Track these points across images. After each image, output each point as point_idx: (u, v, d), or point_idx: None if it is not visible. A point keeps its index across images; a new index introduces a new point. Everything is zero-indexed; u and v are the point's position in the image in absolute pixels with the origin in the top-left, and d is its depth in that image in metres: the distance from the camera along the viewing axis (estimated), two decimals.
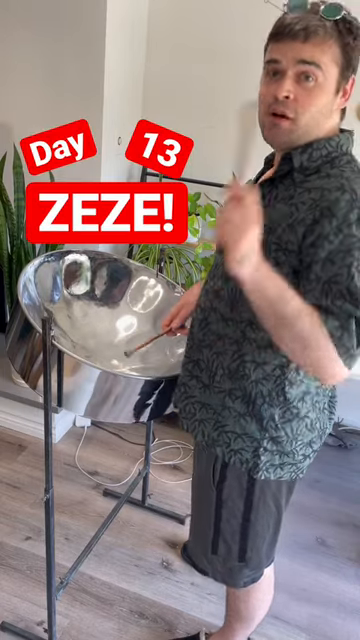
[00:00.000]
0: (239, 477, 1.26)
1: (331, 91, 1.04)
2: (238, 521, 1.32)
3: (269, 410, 1.18)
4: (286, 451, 1.21)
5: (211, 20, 2.38)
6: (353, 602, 1.98)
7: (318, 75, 1.02)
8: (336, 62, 1.02)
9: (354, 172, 1.06)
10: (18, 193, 2.37)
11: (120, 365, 1.68)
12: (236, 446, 1.22)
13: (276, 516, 1.33)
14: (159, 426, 2.72)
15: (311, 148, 1.09)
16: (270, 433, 1.19)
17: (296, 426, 1.20)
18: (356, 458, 2.68)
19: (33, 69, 2.35)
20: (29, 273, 1.58)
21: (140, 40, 2.47)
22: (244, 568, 1.39)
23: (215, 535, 1.36)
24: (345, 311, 0.99)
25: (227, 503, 1.30)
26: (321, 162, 1.09)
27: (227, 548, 1.36)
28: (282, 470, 1.23)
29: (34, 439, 2.58)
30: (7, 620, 1.79)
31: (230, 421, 1.22)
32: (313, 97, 1.03)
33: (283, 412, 1.18)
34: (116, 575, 1.98)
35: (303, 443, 1.23)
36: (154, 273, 1.84)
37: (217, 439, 1.25)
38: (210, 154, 2.58)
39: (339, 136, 1.10)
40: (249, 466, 1.22)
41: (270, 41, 1.07)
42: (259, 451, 1.20)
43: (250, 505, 1.29)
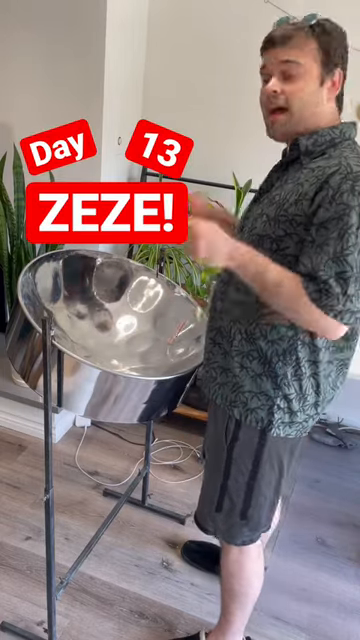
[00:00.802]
0: (251, 437, 1.37)
1: (314, 81, 1.21)
2: (245, 479, 1.41)
3: (283, 368, 1.29)
4: (295, 409, 1.32)
5: (211, 20, 2.38)
6: (353, 602, 1.98)
7: (298, 69, 1.20)
8: (314, 58, 1.20)
9: (353, 152, 1.20)
10: (18, 193, 2.37)
11: (120, 365, 1.68)
12: (252, 405, 1.33)
13: (278, 476, 1.43)
14: (159, 426, 2.72)
15: (316, 135, 1.24)
16: (283, 391, 1.30)
17: (305, 384, 1.31)
18: (356, 458, 2.68)
19: (33, 69, 2.35)
20: (29, 273, 1.58)
21: (140, 40, 2.47)
22: (244, 527, 1.47)
23: (222, 492, 1.45)
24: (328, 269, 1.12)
25: (237, 461, 1.40)
26: (325, 147, 1.24)
27: (231, 505, 1.45)
28: (290, 428, 1.35)
29: (34, 439, 2.58)
30: (7, 620, 1.79)
31: (247, 381, 1.33)
32: (297, 86, 1.21)
33: (295, 370, 1.29)
34: (116, 575, 1.98)
35: (309, 404, 1.34)
36: (154, 273, 1.84)
37: (234, 400, 1.36)
38: (210, 154, 2.58)
39: (342, 124, 1.26)
40: (264, 424, 1.33)
41: (261, 54, 1.26)
42: (273, 409, 1.32)
43: (258, 464, 1.39)
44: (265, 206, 1.27)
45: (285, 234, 1.21)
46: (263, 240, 1.24)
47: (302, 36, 1.20)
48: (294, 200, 1.19)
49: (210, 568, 2.00)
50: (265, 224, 1.24)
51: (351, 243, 1.11)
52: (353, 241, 1.11)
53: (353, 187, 1.11)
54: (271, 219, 1.23)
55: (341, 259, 1.12)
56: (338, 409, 2.80)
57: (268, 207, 1.26)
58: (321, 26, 1.21)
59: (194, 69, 2.48)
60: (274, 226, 1.22)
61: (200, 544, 2.06)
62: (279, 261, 1.21)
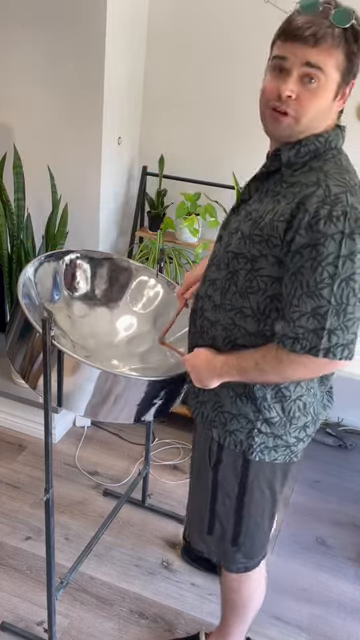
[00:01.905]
0: (234, 459, 1.31)
1: (331, 94, 1.09)
2: (232, 502, 1.36)
3: (262, 390, 1.23)
4: (279, 433, 1.26)
5: (211, 20, 2.38)
6: (353, 602, 1.98)
7: (321, 78, 1.06)
8: (338, 67, 1.07)
9: (336, 165, 1.11)
10: (18, 193, 2.37)
11: (120, 365, 1.68)
12: (231, 427, 1.28)
13: (270, 501, 1.37)
14: (159, 426, 2.72)
15: (299, 145, 1.14)
16: (264, 414, 1.24)
17: (288, 407, 1.24)
18: (356, 458, 2.68)
19: (33, 69, 2.35)
20: (29, 273, 1.58)
21: (140, 40, 2.47)
22: (237, 553, 1.43)
23: (211, 515, 1.40)
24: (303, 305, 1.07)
25: (222, 484, 1.35)
26: (308, 158, 1.14)
27: (222, 530, 1.40)
28: (276, 453, 1.28)
29: (34, 439, 2.58)
30: (7, 620, 1.79)
31: (227, 401, 1.28)
32: (314, 98, 1.08)
33: (275, 393, 1.23)
34: (116, 575, 1.98)
35: (297, 427, 1.27)
36: (154, 273, 1.84)
37: (214, 419, 1.31)
38: (210, 154, 2.58)
39: (328, 132, 1.14)
40: (243, 447, 1.28)
41: (279, 38, 1.09)
42: (253, 432, 1.26)
43: (244, 487, 1.33)
44: (242, 220, 1.20)
45: (260, 254, 1.14)
46: (237, 259, 1.18)
47: (333, 40, 1.04)
48: (270, 219, 1.11)
49: (210, 568, 2.00)
50: (240, 241, 1.17)
51: (325, 275, 1.03)
52: (330, 272, 1.03)
53: (330, 213, 1.03)
54: (246, 237, 1.16)
55: (316, 293, 1.05)
56: (338, 409, 2.79)
57: (244, 222, 1.19)
58: (355, 31, 1.05)
59: (194, 69, 2.48)
60: (249, 245, 1.15)
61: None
62: (254, 282, 1.16)
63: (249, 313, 1.19)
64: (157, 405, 1.51)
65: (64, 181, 2.43)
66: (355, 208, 1.04)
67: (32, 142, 2.46)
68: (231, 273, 1.20)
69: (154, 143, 2.65)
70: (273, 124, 1.13)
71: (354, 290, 1.05)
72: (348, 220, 1.03)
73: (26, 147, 2.42)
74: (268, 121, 1.14)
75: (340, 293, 1.04)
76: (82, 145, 2.40)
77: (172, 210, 2.60)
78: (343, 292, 1.04)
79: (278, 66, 1.09)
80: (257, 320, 1.19)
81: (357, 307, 1.06)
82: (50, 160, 2.43)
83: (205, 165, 2.59)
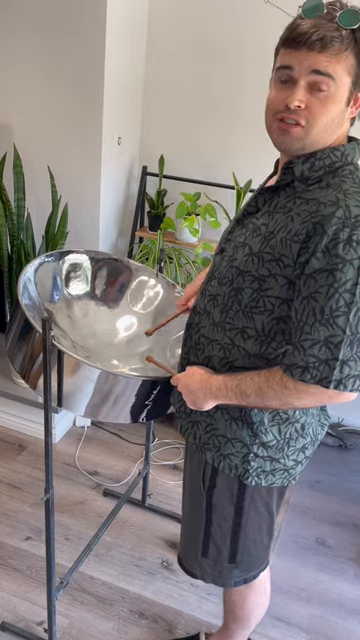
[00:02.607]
0: (229, 484, 1.26)
1: (343, 101, 1.02)
2: (229, 525, 1.32)
3: (259, 414, 1.18)
4: (277, 457, 1.22)
5: (212, 21, 2.38)
6: (353, 602, 1.98)
7: (331, 85, 0.99)
8: (349, 72, 1.00)
9: (355, 184, 1.04)
10: (18, 193, 2.37)
11: (120, 365, 1.68)
12: (226, 451, 1.23)
13: (268, 520, 1.34)
14: (159, 426, 2.72)
15: (314, 158, 1.07)
16: (260, 438, 1.19)
17: (285, 430, 1.20)
18: (356, 458, 2.68)
19: (33, 69, 2.35)
20: (29, 273, 1.58)
21: (140, 40, 2.47)
22: (234, 569, 1.39)
23: (205, 538, 1.36)
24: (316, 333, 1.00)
25: (217, 508, 1.31)
26: (323, 172, 1.07)
27: (217, 551, 1.37)
28: (274, 476, 1.23)
29: (34, 439, 2.58)
30: (7, 620, 1.79)
31: (221, 424, 1.22)
32: (325, 107, 1.01)
33: (272, 416, 1.19)
34: (116, 575, 1.98)
35: (295, 449, 1.23)
36: (154, 273, 1.84)
37: (207, 442, 1.25)
38: (210, 154, 2.58)
39: (345, 146, 1.08)
40: (238, 472, 1.23)
41: (283, 46, 1.03)
42: (249, 457, 1.21)
43: (241, 511, 1.29)
44: (249, 235, 1.12)
45: (269, 274, 1.07)
46: (243, 276, 1.11)
47: (342, 43, 0.97)
48: (282, 238, 1.04)
49: None
50: (247, 258, 1.10)
51: (342, 303, 0.97)
52: (347, 300, 0.97)
53: (350, 237, 0.96)
54: (254, 254, 1.09)
55: (330, 321, 0.98)
56: (338, 409, 2.79)
57: (252, 237, 1.11)
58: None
59: (194, 69, 2.48)
60: (257, 263, 1.08)
61: None
62: (260, 302, 1.10)
63: (252, 334, 1.13)
64: (157, 405, 1.51)
65: (64, 181, 2.43)
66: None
67: (32, 142, 2.46)
68: (235, 290, 1.13)
69: (154, 143, 2.65)
70: (281, 137, 1.06)
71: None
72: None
73: (26, 147, 2.42)
74: (275, 133, 1.06)
75: (356, 322, 0.98)
76: (82, 145, 2.40)
77: (172, 210, 2.60)
78: (359, 321, 0.98)
79: (284, 76, 1.02)
80: (260, 342, 1.13)
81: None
82: (50, 160, 2.43)
83: (205, 165, 2.59)
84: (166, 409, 1.56)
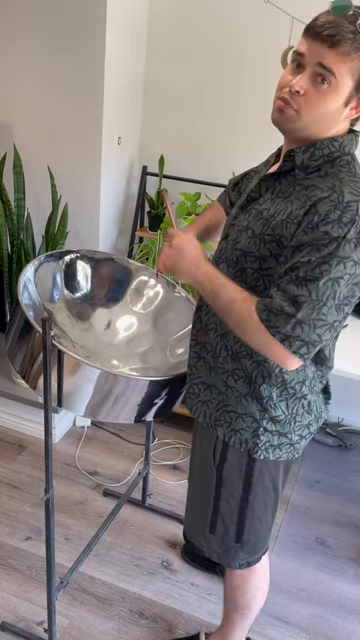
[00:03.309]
0: (239, 458, 1.31)
1: (341, 100, 1.07)
2: (237, 501, 1.36)
3: (268, 389, 1.23)
4: (284, 431, 1.27)
5: (212, 21, 2.38)
6: (353, 602, 1.98)
7: (332, 81, 1.05)
8: (353, 75, 1.05)
9: (350, 173, 1.11)
10: (18, 193, 2.37)
11: (120, 365, 1.68)
12: (237, 426, 1.28)
13: (273, 497, 1.38)
14: (159, 426, 2.72)
15: (314, 147, 1.13)
16: (270, 413, 1.25)
17: (292, 405, 1.26)
18: (356, 458, 2.68)
19: (33, 70, 2.36)
20: (29, 273, 1.58)
21: (140, 40, 2.47)
22: (240, 550, 1.43)
23: (214, 514, 1.40)
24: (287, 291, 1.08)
25: (226, 483, 1.35)
26: (322, 161, 1.14)
27: (225, 528, 1.40)
28: (280, 450, 1.29)
29: (34, 439, 2.58)
30: (7, 620, 1.79)
31: (232, 401, 1.28)
32: (322, 100, 1.07)
33: (280, 391, 1.24)
34: (116, 575, 1.98)
35: (301, 425, 1.29)
36: (154, 273, 1.84)
37: (219, 419, 1.31)
38: (210, 154, 2.58)
39: (343, 137, 1.14)
40: (248, 446, 1.28)
41: (303, 34, 1.09)
42: (259, 431, 1.26)
43: (249, 486, 1.33)
44: (252, 219, 1.20)
45: (270, 254, 1.15)
46: (246, 257, 1.19)
47: (352, 45, 1.03)
48: (281, 220, 1.13)
49: (210, 568, 2.00)
50: (250, 240, 1.18)
51: (317, 272, 1.05)
52: (321, 269, 1.05)
53: (340, 218, 1.04)
54: (256, 236, 1.17)
55: (303, 283, 1.07)
56: (338, 409, 2.80)
57: (255, 221, 1.19)
58: None
59: (194, 69, 2.48)
60: (259, 244, 1.16)
61: None
62: (262, 281, 1.18)
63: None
64: (157, 405, 1.51)
65: (64, 181, 2.43)
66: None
67: (32, 142, 2.46)
68: (240, 270, 1.21)
69: (154, 143, 2.65)
70: (277, 113, 1.13)
71: (335, 293, 1.07)
72: (354, 227, 1.04)
73: (26, 147, 2.42)
74: (274, 110, 1.13)
75: (324, 291, 1.06)
76: (82, 145, 2.40)
77: None
78: (326, 291, 1.06)
79: (296, 61, 1.09)
80: None
81: (331, 312, 1.08)
82: (50, 160, 2.43)
83: (205, 165, 2.59)
84: (166, 409, 1.56)
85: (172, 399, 1.55)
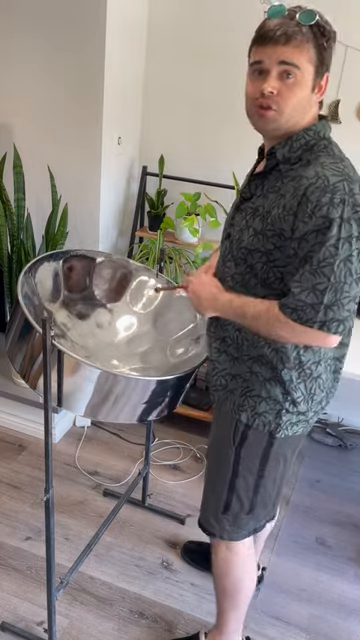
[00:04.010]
0: (260, 437, 1.38)
1: (308, 87, 1.18)
2: (253, 477, 1.42)
3: (288, 373, 1.30)
4: (303, 410, 1.34)
5: (212, 21, 2.38)
6: (353, 602, 1.98)
7: (297, 73, 1.16)
8: (311, 62, 1.16)
9: (329, 156, 1.19)
10: (18, 193, 2.37)
11: (120, 365, 1.68)
12: (260, 409, 1.34)
13: (282, 470, 1.45)
14: (159, 426, 2.72)
15: (291, 140, 1.22)
16: (292, 395, 1.31)
17: (310, 385, 1.32)
18: (356, 458, 2.68)
19: (33, 70, 2.36)
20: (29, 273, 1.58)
21: (140, 40, 2.47)
22: (250, 520, 1.49)
23: (229, 493, 1.45)
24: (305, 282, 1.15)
25: (245, 460, 1.41)
26: (302, 151, 1.22)
27: (239, 504, 1.46)
28: (297, 426, 1.37)
29: (34, 439, 2.58)
30: (7, 620, 1.79)
31: (257, 385, 1.34)
32: (292, 92, 1.18)
33: (299, 373, 1.30)
34: (116, 575, 1.98)
35: (315, 402, 1.36)
36: (154, 273, 1.84)
37: (242, 404, 1.36)
38: (210, 154, 2.58)
39: (316, 125, 1.23)
40: (271, 427, 1.35)
41: (254, 45, 1.21)
42: (281, 413, 1.33)
43: (266, 461, 1.40)
44: (249, 217, 1.27)
45: (274, 247, 1.21)
46: (252, 254, 1.25)
47: (302, 36, 1.15)
48: (278, 214, 1.19)
49: (210, 568, 1.99)
50: (253, 238, 1.25)
51: (328, 255, 1.12)
52: (331, 252, 1.12)
53: (332, 200, 1.11)
54: (259, 233, 1.23)
55: (318, 271, 1.13)
56: (338, 409, 2.80)
57: (253, 219, 1.26)
58: (321, 28, 1.16)
59: (194, 69, 2.48)
60: (263, 240, 1.23)
61: (200, 544, 2.06)
62: (272, 273, 1.24)
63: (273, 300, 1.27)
64: (157, 405, 1.51)
65: (64, 181, 2.43)
66: (352, 195, 1.12)
67: (32, 142, 2.46)
68: (249, 267, 1.27)
69: (154, 143, 2.65)
70: (260, 120, 1.22)
71: (350, 270, 1.13)
72: (347, 206, 1.11)
73: (26, 147, 2.42)
74: (255, 118, 1.23)
75: (339, 272, 1.13)
76: (82, 145, 2.40)
77: (172, 210, 2.60)
78: (342, 271, 1.13)
79: (258, 70, 1.20)
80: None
81: (352, 286, 1.15)
82: (50, 160, 2.43)
83: (205, 165, 2.59)
84: (167, 409, 1.56)
85: (172, 399, 1.55)
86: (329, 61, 1.20)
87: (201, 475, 2.46)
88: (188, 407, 2.60)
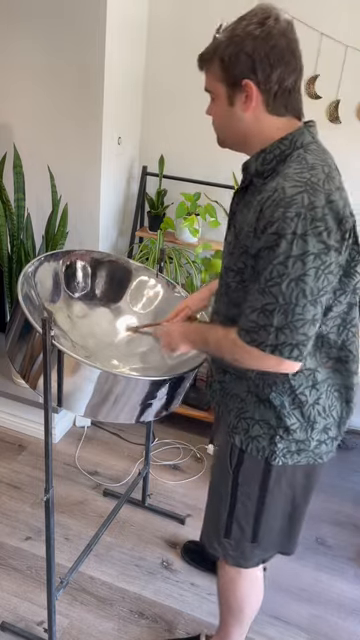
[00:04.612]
0: (257, 462, 1.30)
1: (224, 103, 1.16)
2: (253, 504, 1.35)
3: (278, 398, 1.23)
4: (301, 439, 1.25)
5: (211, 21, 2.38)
6: (353, 602, 1.98)
7: (214, 94, 1.18)
8: (217, 77, 1.14)
9: (299, 165, 1.09)
10: (18, 193, 2.37)
11: (120, 365, 1.68)
12: (253, 433, 1.27)
13: (291, 500, 1.37)
14: (159, 426, 2.72)
15: (264, 152, 1.15)
16: (284, 422, 1.24)
17: (307, 412, 1.23)
18: (356, 458, 2.68)
19: (33, 69, 2.35)
20: (29, 273, 1.58)
21: (140, 40, 2.47)
22: (255, 549, 1.42)
23: (229, 518, 1.39)
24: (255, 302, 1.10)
25: (243, 486, 1.35)
26: (275, 162, 1.14)
27: (241, 531, 1.40)
28: (299, 456, 1.27)
29: (34, 439, 2.58)
30: (7, 620, 1.79)
31: (251, 407, 1.28)
32: (214, 112, 1.21)
33: (292, 399, 1.23)
34: (116, 575, 1.98)
35: (317, 430, 1.26)
36: (154, 273, 1.84)
37: (236, 426, 1.30)
38: (210, 154, 2.58)
39: (292, 133, 1.13)
40: (266, 453, 1.27)
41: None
42: (275, 439, 1.25)
43: (265, 489, 1.33)
44: (230, 235, 1.23)
45: (245, 266, 1.17)
46: (228, 273, 1.22)
47: (208, 55, 1.15)
48: (245, 231, 1.14)
49: (210, 568, 2.00)
50: (229, 256, 1.22)
51: (275, 274, 1.04)
52: (279, 271, 1.04)
53: (285, 214, 1.02)
54: (231, 250, 1.20)
55: (266, 290, 1.07)
56: None
57: (231, 237, 1.22)
58: (220, 39, 1.12)
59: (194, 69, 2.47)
60: (235, 258, 1.19)
61: (200, 544, 2.06)
62: (241, 292, 1.19)
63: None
64: (157, 405, 1.51)
65: (64, 181, 2.43)
66: (312, 208, 1.02)
67: (32, 142, 2.46)
68: (226, 286, 1.25)
69: (154, 143, 2.65)
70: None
71: (304, 291, 1.05)
72: (302, 220, 1.02)
73: (26, 147, 2.42)
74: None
75: (290, 293, 1.05)
76: (82, 145, 2.40)
77: (172, 210, 2.60)
78: (292, 292, 1.05)
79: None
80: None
81: (307, 309, 1.06)
82: (50, 160, 2.43)
83: (205, 165, 2.59)
84: (166, 409, 1.56)
85: (172, 399, 1.55)
86: (244, 68, 1.09)
87: (201, 475, 2.46)
88: (188, 407, 2.60)
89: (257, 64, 1.08)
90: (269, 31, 1.07)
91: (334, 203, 1.04)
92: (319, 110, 2.35)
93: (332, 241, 1.04)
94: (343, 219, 1.05)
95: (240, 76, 1.10)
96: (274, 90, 1.10)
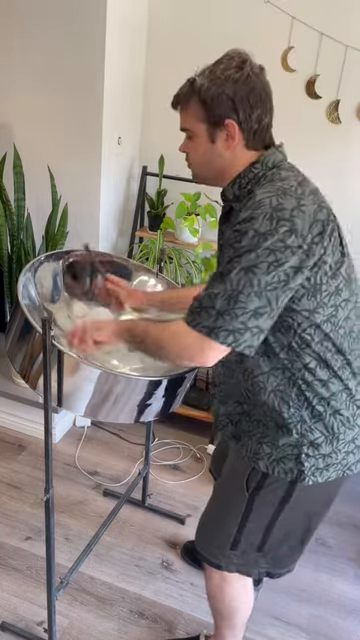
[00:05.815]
0: (278, 486, 1.28)
1: (205, 142, 1.21)
2: (265, 523, 1.34)
3: (297, 413, 1.21)
4: (328, 452, 1.23)
5: (212, 21, 2.38)
6: (353, 602, 1.98)
7: (192, 133, 1.22)
8: (198, 117, 1.19)
9: (272, 182, 1.15)
10: (18, 193, 2.37)
11: (120, 365, 1.68)
12: (278, 455, 1.25)
13: (303, 519, 1.36)
14: (159, 426, 2.72)
15: (239, 178, 1.21)
16: (307, 437, 1.22)
17: (330, 424, 1.22)
18: None
19: (33, 69, 2.35)
20: (29, 273, 1.58)
21: (140, 40, 2.47)
22: (261, 559, 1.41)
23: (238, 533, 1.38)
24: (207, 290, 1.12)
25: (259, 509, 1.33)
26: (251, 185, 1.20)
27: (248, 544, 1.39)
28: (328, 471, 1.25)
29: (34, 439, 2.58)
30: (7, 620, 1.79)
31: (271, 432, 1.26)
32: (192, 150, 1.24)
33: (310, 412, 1.22)
34: (116, 575, 1.98)
35: (345, 441, 1.24)
36: (154, 273, 1.84)
37: (258, 452, 1.28)
38: None
39: (264, 156, 1.20)
40: (294, 475, 1.24)
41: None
42: (301, 457, 1.23)
43: (281, 511, 1.32)
44: (221, 256, 1.25)
45: None
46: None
47: (186, 96, 1.21)
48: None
49: None
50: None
51: (229, 265, 1.09)
52: (233, 263, 1.08)
53: (251, 215, 1.08)
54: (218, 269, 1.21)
55: (219, 279, 1.11)
56: None
57: (221, 257, 1.24)
58: (197, 82, 1.19)
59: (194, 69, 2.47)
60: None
61: None
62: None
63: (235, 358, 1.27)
64: (158, 405, 1.51)
65: (64, 181, 2.43)
66: (280, 209, 1.07)
67: (32, 142, 2.46)
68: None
69: (154, 143, 2.65)
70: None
71: (251, 281, 1.07)
72: (266, 220, 1.06)
73: (26, 147, 2.42)
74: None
75: (237, 280, 1.07)
76: (82, 145, 2.40)
77: (172, 210, 2.60)
78: (240, 280, 1.07)
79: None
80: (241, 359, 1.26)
81: (251, 299, 1.08)
82: (50, 160, 2.43)
83: None
84: (167, 409, 1.56)
85: (172, 399, 1.55)
86: (222, 108, 1.16)
87: (201, 475, 2.46)
88: (188, 407, 2.60)
89: (238, 105, 1.15)
90: (247, 74, 1.16)
91: (306, 207, 1.09)
92: (319, 110, 2.35)
93: (295, 242, 1.06)
94: (315, 222, 1.09)
95: (223, 115, 1.16)
96: (254, 129, 1.18)
